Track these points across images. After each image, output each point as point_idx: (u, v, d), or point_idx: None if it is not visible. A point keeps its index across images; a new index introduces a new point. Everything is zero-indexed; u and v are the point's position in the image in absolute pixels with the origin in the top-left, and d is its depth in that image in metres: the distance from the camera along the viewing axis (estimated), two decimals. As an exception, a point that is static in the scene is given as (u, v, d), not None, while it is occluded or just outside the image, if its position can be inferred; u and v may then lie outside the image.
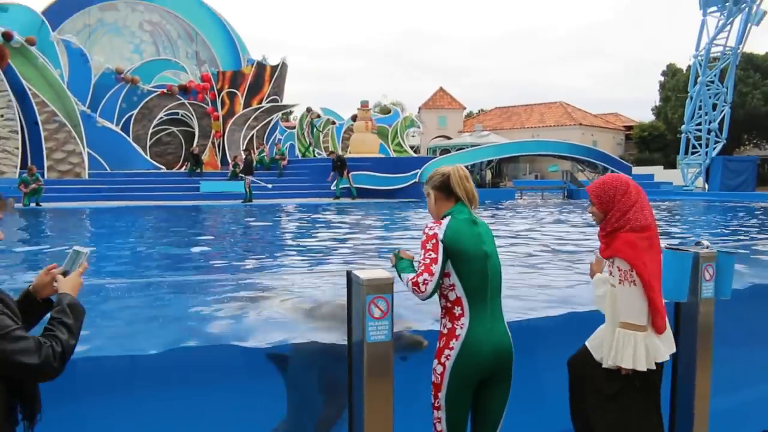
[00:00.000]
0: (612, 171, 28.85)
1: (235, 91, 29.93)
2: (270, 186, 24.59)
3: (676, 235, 12.60)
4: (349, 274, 3.18)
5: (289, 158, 29.75)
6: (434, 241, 3.07)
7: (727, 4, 28.39)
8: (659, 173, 37.73)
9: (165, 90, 28.76)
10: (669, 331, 3.48)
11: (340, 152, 28.34)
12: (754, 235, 12.51)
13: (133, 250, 10.26)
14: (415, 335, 4.34)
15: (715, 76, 30.48)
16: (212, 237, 13.28)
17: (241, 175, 23.68)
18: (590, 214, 3.61)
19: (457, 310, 3.09)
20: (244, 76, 30.31)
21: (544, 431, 4.40)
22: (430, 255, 3.05)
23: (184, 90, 29.16)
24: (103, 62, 27.60)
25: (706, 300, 4.20)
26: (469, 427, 3.27)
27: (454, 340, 3.08)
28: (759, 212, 18.49)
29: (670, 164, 40.93)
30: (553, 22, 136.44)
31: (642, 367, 3.33)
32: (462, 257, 3.08)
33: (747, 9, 28.09)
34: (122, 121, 27.73)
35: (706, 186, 31.28)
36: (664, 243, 4.29)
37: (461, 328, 3.08)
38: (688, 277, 4.11)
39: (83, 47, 27.09)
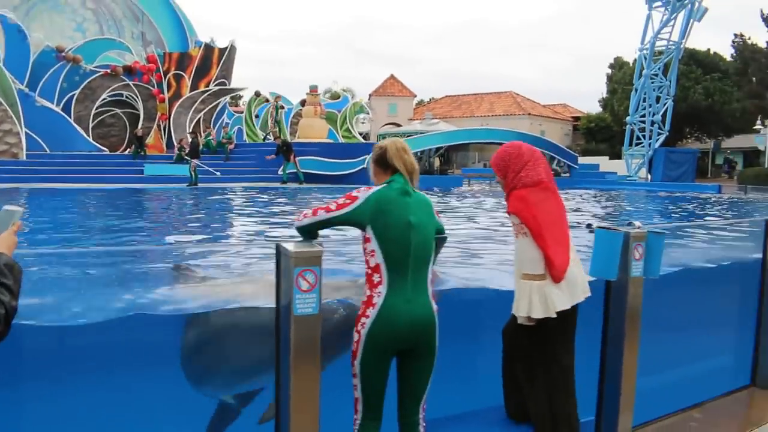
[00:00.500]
0: (559, 160, 29.41)
1: (182, 73, 29.28)
2: (218, 173, 24.24)
3: (613, 221, 12.89)
4: (278, 247, 3.13)
5: (237, 142, 29.36)
6: (346, 198, 3.11)
7: (671, -1, 29.15)
8: (604, 163, 38.59)
9: (109, 70, 27.96)
10: (576, 280, 3.54)
11: (288, 137, 28.07)
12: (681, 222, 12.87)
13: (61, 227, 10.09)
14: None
15: (659, 69, 31.27)
16: (148, 217, 13.07)
17: (186, 158, 23.28)
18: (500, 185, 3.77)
19: (376, 278, 3.07)
20: (191, 59, 29.66)
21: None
22: (330, 203, 3.13)
23: (129, 71, 28.42)
24: (42, 39, 26.66)
25: (635, 279, 4.29)
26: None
27: (371, 308, 3.06)
28: (694, 202, 19.09)
29: (616, 155, 41.93)
30: (505, 14, 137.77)
31: (538, 314, 3.42)
32: (382, 223, 3.06)
33: (690, 5, 28.93)
34: (63, 102, 26.87)
35: (649, 176, 32.12)
36: (597, 224, 4.39)
37: (378, 296, 3.06)
38: (618, 255, 4.18)
39: (21, 23, 26.10)
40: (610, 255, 4.15)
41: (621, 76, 49.20)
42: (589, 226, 4.37)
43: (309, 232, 3.19)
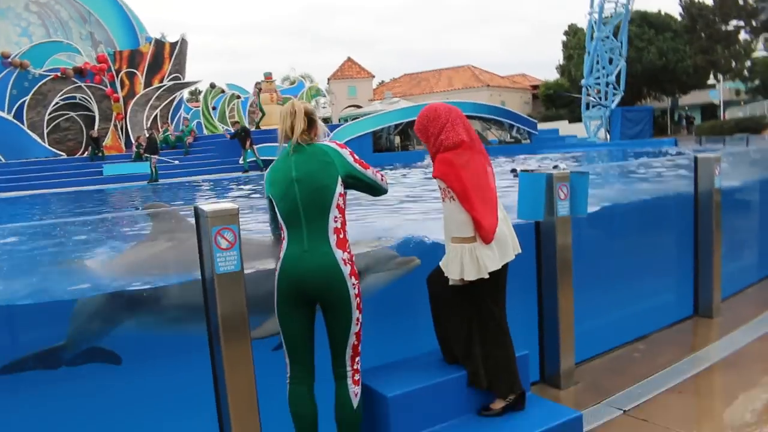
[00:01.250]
0: (518, 128, 29.65)
1: (134, 71, 28.81)
2: (176, 162, 24.06)
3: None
4: (196, 209, 3.20)
5: (197, 135, 29.11)
6: None
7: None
8: (564, 127, 38.99)
9: (59, 73, 27.37)
10: (507, 239, 3.56)
11: (246, 125, 27.89)
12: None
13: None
14: (403, 256, 4.56)
15: (609, 31, 31.59)
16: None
17: (146, 155, 23.05)
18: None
19: (283, 234, 3.23)
20: (142, 56, 29.19)
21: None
22: None
23: (80, 72, 27.87)
24: (-13, 47, 26.10)
25: (562, 218, 4.43)
26: None
27: (278, 261, 3.22)
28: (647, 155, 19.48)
29: (577, 119, 42.30)
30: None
31: (471, 276, 3.44)
32: (273, 189, 3.24)
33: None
34: (14, 109, 26.27)
35: (608, 136, 32.54)
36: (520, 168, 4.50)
37: (282, 250, 3.22)
38: (542, 196, 4.33)
39: (-38, 31, 25.53)
40: (536, 196, 4.29)
41: (576, 42, 49.51)
42: (513, 171, 4.50)
43: (277, 225, 3.34)
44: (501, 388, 3.66)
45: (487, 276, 3.44)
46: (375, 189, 3.42)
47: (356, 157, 3.32)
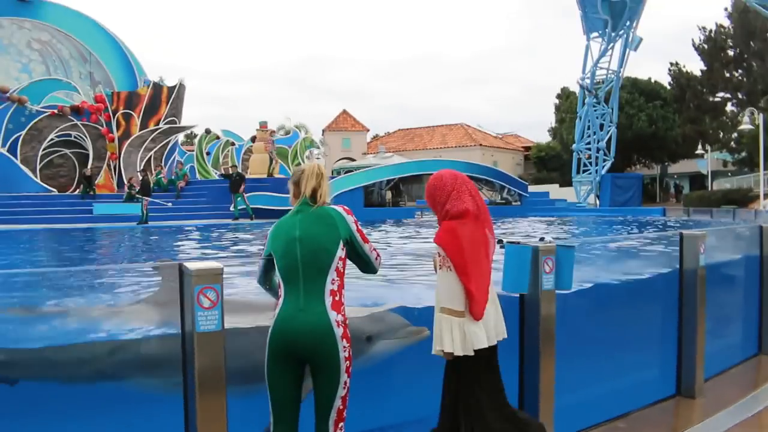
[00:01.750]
0: (509, 189, 29.90)
1: (130, 112, 29.06)
2: (169, 204, 24.09)
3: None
4: (180, 267, 3.20)
5: (191, 179, 29.20)
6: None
7: (607, 30, 30.24)
8: (555, 191, 39.34)
9: (56, 110, 27.58)
10: (495, 318, 3.54)
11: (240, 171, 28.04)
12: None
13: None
14: (412, 326, 4.50)
15: (600, 97, 32.23)
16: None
17: (138, 196, 23.07)
18: None
19: (280, 292, 3.25)
20: (140, 97, 29.51)
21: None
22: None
23: (77, 111, 28.08)
24: (-14, 81, 26.31)
25: (546, 292, 4.44)
26: None
27: (273, 318, 3.22)
28: (635, 223, 19.64)
29: (567, 183, 42.76)
30: (452, 48, 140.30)
31: (458, 352, 3.40)
32: (276, 244, 3.28)
33: (625, 35, 30.11)
34: (9, 143, 26.37)
35: (598, 202, 32.85)
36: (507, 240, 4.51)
37: (278, 307, 3.22)
38: (528, 269, 4.32)
39: (-36, 66, 25.74)
40: (521, 269, 4.28)
41: (568, 106, 50.43)
42: (500, 242, 4.50)
43: (265, 280, 3.48)
44: None
45: (472, 353, 3.41)
46: (367, 264, 3.44)
47: (359, 227, 3.35)
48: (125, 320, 4.48)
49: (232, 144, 33.99)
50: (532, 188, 34.44)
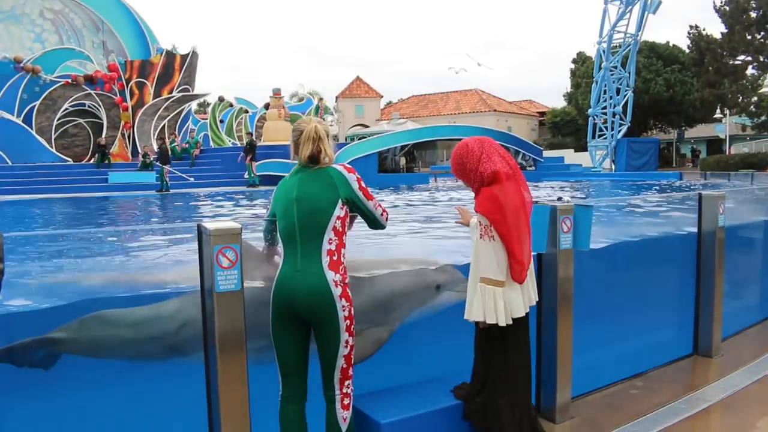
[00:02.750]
0: (524, 154, 29.70)
1: (144, 80, 29.08)
2: (191, 179, 24.16)
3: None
4: (198, 227, 3.20)
5: (203, 147, 29.26)
6: None
7: (626, -8, 29.68)
8: (570, 156, 39.05)
9: (70, 80, 27.60)
10: (530, 282, 3.54)
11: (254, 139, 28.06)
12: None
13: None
14: None
15: (617, 62, 31.73)
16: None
17: (157, 164, 23.16)
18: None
19: (281, 252, 3.31)
20: (153, 66, 29.47)
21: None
22: None
23: (90, 80, 28.10)
24: (0, 51, 26.31)
25: (564, 251, 4.42)
26: None
27: (275, 279, 3.27)
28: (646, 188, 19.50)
29: (582, 148, 42.33)
30: (469, 14, 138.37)
31: (501, 322, 3.41)
32: (276, 205, 3.32)
33: (643, -2, 29.49)
34: (24, 113, 26.49)
35: (613, 167, 32.57)
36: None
37: (278, 268, 3.28)
38: (546, 228, 4.30)
39: (-23, 36, 25.74)
40: (539, 228, 4.26)
41: (584, 71, 49.69)
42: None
43: (272, 240, 3.55)
44: None
45: (510, 322, 3.43)
46: (373, 222, 3.41)
47: (363, 185, 3.29)
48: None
49: (246, 112, 33.93)
50: (546, 153, 34.19)
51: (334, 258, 3.18)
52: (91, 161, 27.09)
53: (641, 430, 4.31)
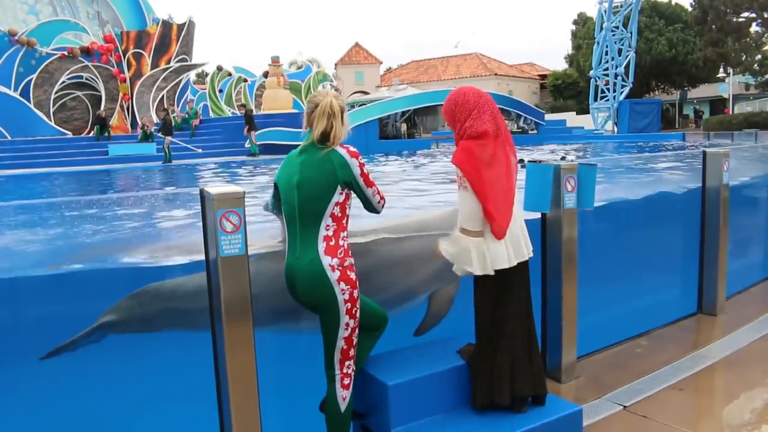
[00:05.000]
0: (526, 118, 29.51)
1: (141, 51, 28.77)
2: (200, 150, 24.06)
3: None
4: (201, 192, 3.18)
5: (203, 117, 29.08)
6: None
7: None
8: (572, 119, 38.74)
9: (66, 53, 27.27)
10: (519, 237, 3.50)
11: (253, 108, 27.89)
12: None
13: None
14: None
15: (619, 22, 31.36)
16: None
17: (160, 135, 23.04)
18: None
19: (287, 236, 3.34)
20: (149, 36, 29.13)
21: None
22: None
23: (87, 52, 27.77)
24: (-6, 25, 26.06)
25: (568, 210, 4.40)
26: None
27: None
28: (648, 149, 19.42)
29: (584, 110, 42.07)
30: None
31: (477, 271, 3.41)
32: (279, 189, 3.33)
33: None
34: (21, 87, 26.24)
35: (616, 129, 32.38)
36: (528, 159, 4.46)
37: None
38: (549, 188, 4.28)
39: (-30, 9, 25.44)
40: (543, 188, 4.24)
41: (585, 32, 49.11)
42: (521, 161, 4.44)
43: (274, 208, 3.52)
44: (474, 395, 3.63)
45: (492, 272, 3.40)
46: (369, 205, 3.37)
47: (364, 171, 3.24)
48: None
49: (245, 81, 33.65)
50: (548, 117, 33.89)
51: (331, 243, 3.18)
52: (91, 134, 26.93)
53: (646, 388, 4.34)
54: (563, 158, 4.51)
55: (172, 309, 4.12)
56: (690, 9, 43.82)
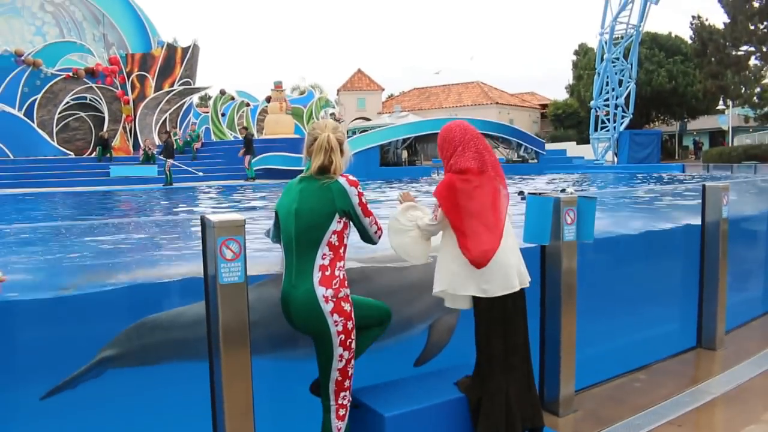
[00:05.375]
0: (526, 147, 29.63)
1: (145, 74, 29.00)
2: (200, 173, 24.12)
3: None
4: (202, 219, 3.19)
5: (204, 141, 29.22)
6: None
7: (628, -17, 29.56)
8: (572, 148, 38.90)
9: (71, 73, 27.48)
10: (509, 267, 3.53)
11: (254, 132, 28.02)
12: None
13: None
14: None
15: (619, 53, 31.65)
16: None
17: (161, 157, 23.12)
18: None
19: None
20: (154, 59, 29.39)
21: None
22: None
23: (92, 73, 27.98)
24: (0, 44, 26.24)
25: (568, 243, 4.40)
26: None
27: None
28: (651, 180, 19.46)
29: (584, 140, 42.26)
30: (471, 5, 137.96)
31: (436, 288, 3.60)
32: (279, 217, 3.33)
33: (646, -12, 29.37)
34: (25, 107, 26.40)
35: (616, 159, 32.50)
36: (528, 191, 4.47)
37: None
38: (549, 220, 4.29)
39: (-23, 28, 25.68)
40: (542, 220, 4.25)
41: (586, 62, 49.52)
42: (521, 193, 4.46)
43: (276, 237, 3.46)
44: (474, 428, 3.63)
45: (457, 293, 3.52)
46: (365, 236, 3.38)
47: (363, 200, 3.25)
48: None
49: (247, 105, 33.85)
50: (549, 146, 34.04)
51: (327, 273, 3.17)
52: (93, 155, 27.01)
53: (644, 423, 4.30)
54: (563, 190, 4.51)
55: (172, 340, 4.10)
56: (690, 41, 44.24)
